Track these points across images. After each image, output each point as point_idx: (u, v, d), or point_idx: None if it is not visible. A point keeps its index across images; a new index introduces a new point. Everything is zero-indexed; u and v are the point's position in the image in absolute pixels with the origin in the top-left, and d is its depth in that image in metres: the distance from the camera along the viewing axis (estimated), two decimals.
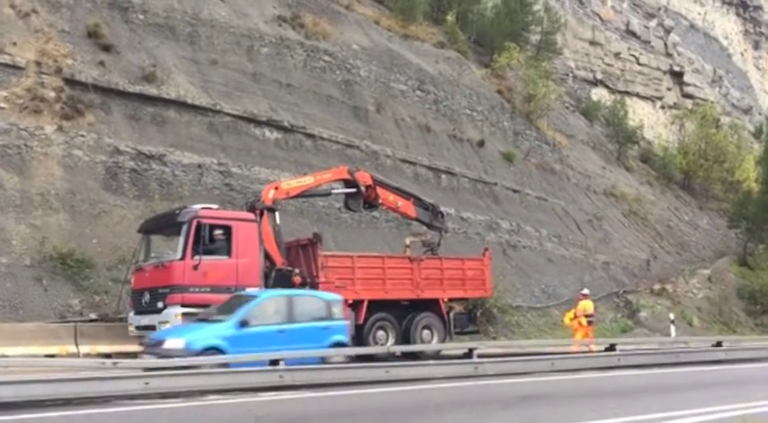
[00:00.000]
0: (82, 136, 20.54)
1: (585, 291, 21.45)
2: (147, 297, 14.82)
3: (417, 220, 19.38)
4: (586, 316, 19.64)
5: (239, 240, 14.93)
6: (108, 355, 13.81)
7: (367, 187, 17.77)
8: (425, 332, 17.29)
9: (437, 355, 15.84)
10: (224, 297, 14.03)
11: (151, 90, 22.57)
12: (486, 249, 19.96)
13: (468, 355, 14.10)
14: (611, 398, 10.78)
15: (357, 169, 18.60)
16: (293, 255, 16.36)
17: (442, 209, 20.75)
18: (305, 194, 17.76)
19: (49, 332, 14.96)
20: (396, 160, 28.38)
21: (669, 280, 33.02)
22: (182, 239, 14.49)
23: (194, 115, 23.42)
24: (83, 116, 20.91)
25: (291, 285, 15.46)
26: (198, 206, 15.45)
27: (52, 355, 14.08)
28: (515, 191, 32.55)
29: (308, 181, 17.31)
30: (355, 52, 30.31)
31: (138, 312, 15.09)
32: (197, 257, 14.22)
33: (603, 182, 39.57)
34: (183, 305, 14.01)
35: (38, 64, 20.74)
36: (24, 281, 16.85)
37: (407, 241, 19.34)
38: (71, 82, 21.11)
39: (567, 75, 47.98)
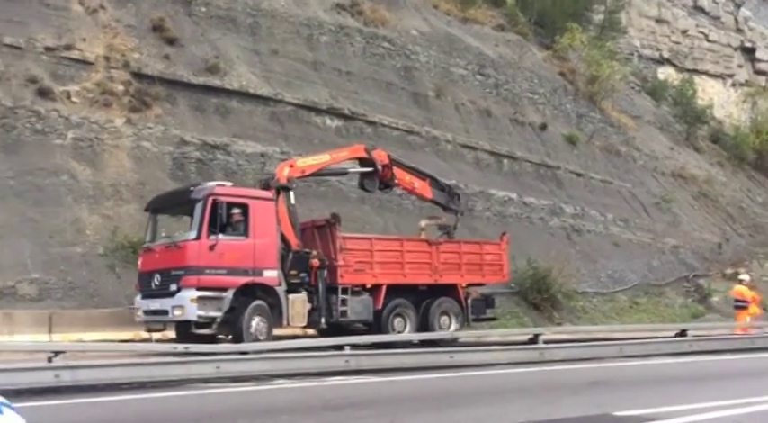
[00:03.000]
0: (149, 128, 21.08)
1: (742, 276, 21.69)
2: (157, 279, 13.89)
3: (433, 201, 18.55)
4: (737, 300, 20.04)
5: (256, 220, 14.02)
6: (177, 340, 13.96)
7: (383, 166, 17.02)
8: (443, 318, 16.64)
9: (456, 342, 15.55)
10: (241, 280, 13.52)
11: (214, 81, 22.99)
12: (504, 233, 19.05)
13: (534, 340, 13.97)
14: (681, 383, 10.53)
15: (374, 147, 17.84)
16: (308, 236, 15.52)
17: (504, 193, 20.41)
18: (320, 173, 16.95)
19: (123, 318, 15.43)
20: (456, 146, 28.19)
21: (742, 264, 31.91)
22: (196, 218, 13.60)
23: (256, 105, 23.76)
24: (150, 108, 21.45)
25: (309, 268, 14.78)
26: (212, 183, 14.71)
27: (126, 341, 14.56)
28: (579, 174, 31.94)
29: (324, 159, 16.52)
30: (414, 38, 30.17)
31: (147, 296, 14.15)
32: (213, 237, 13.35)
33: (672, 163, 38.45)
34: (199, 288, 13.19)
35: (106, 59, 21.36)
36: (98, 269, 17.45)
37: (422, 224, 18.52)
38: (138, 75, 21.68)
39: (632, 54, 46.67)
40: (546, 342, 13.84)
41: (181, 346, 11.15)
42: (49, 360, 10.13)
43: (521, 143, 30.71)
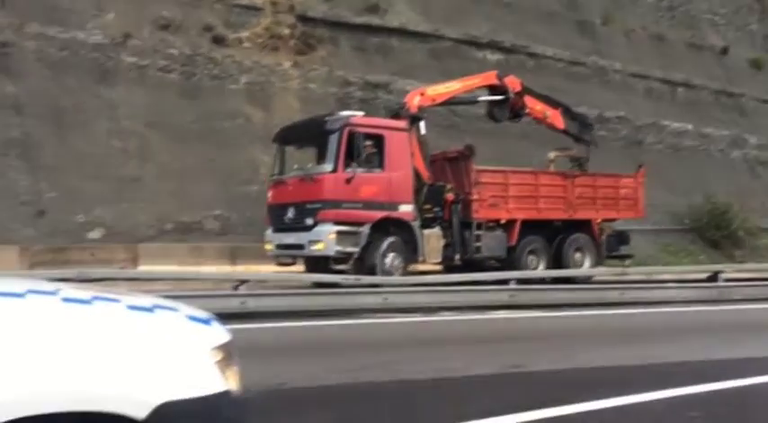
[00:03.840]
0: (315, 69, 21.72)
1: None
2: (291, 213, 13.51)
3: (565, 132, 17.45)
4: None
5: (392, 151, 13.45)
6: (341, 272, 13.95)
7: (515, 94, 16.15)
8: (577, 255, 15.91)
9: (590, 281, 14.82)
10: (377, 214, 13.03)
11: (375, 20, 23.14)
12: (641, 166, 17.67)
13: (713, 278, 13.20)
14: None
15: (506, 74, 16.84)
16: (438, 169, 14.92)
17: (679, 124, 19.00)
18: (451, 101, 16.14)
19: None
20: (625, 75, 26.66)
21: None
22: (332, 149, 13.03)
23: (416, 42, 23.71)
24: (315, 50, 22.07)
25: (443, 203, 14.29)
26: (345, 113, 14.13)
27: (301, 272, 15.35)
28: (765, 101, 29.19)
29: (455, 86, 15.69)
30: None
31: (279, 230, 13.83)
32: (349, 170, 12.84)
33: None
34: (336, 223, 12.77)
35: (273, 4, 22.09)
36: None
37: (551, 156, 17.56)
38: (303, 18, 22.27)
39: None
40: (726, 280, 13.02)
41: (351, 278, 11.64)
42: (235, 288, 11.00)
43: (698, 69, 28.45)
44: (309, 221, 12.96)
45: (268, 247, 14.05)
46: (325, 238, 12.67)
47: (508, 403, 5.24)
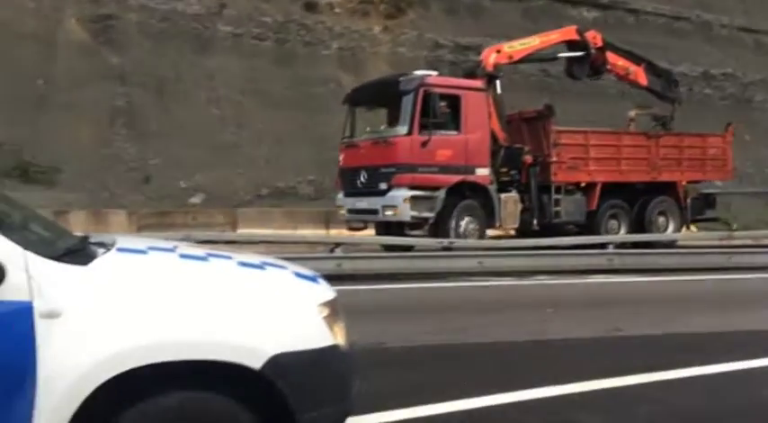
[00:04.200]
0: (404, 33, 21.63)
1: None
2: (363, 177, 13.09)
3: (648, 89, 16.47)
4: None
5: (468, 112, 12.85)
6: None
7: (596, 50, 15.32)
8: (660, 219, 15.09)
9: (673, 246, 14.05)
10: (453, 178, 12.52)
11: None
12: (730, 124, 16.48)
13: None
14: None
15: (587, 29, 15.94)
16: (514, 130, 14.21)
17: None
18: (529, 59, 15.32)
19: None
20: (732, 29, 25.23)
21: None
22: (407, 111, 12.52)
23: (509, 3, 23.21)
24: (405, 14, 21.94)
25: (521, 166, 13.69)
26: (420, 72, 13.52)
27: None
28: None
29: (533, 43, 14.93)
30: None
31: (351, 194, 13.46)
32: (425, 132, 12.33)
33: None
34: (412, 187, 12.31)
35: None
36: None
37: (632, 114, 16.66)
38: None
39: None
40: None
41: (446, 241, 11.66)
42: (331, 251, 11.24)
43: None
44: (383, 186, 12.58)
45: (340, 211, 13.82)
46: (399, 204, 12.30)
47: (608, 367, 5.17)
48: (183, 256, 3.01)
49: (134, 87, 19.35)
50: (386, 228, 13.20)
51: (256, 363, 2.55)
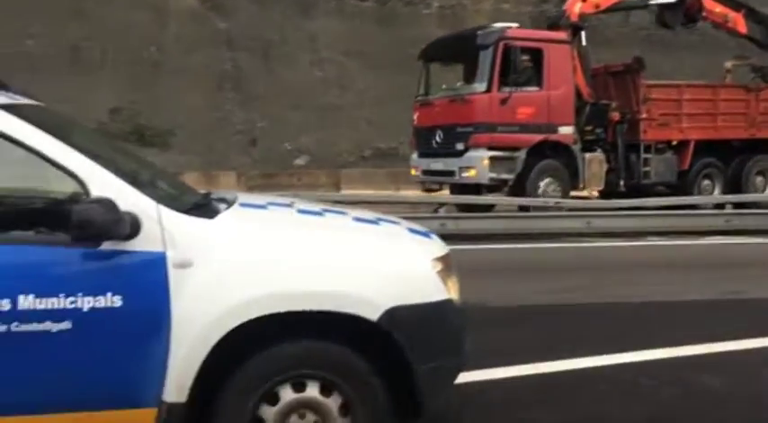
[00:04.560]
0: None
1: None
2: (439, 137, 12.54)
3: (748, 37, 15.05)
4: None
5: (551, 67, 12.06)
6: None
7: None
8: (758, 179, 13.93)
9: None
10: (534, 138, 11.84)
11: None
12: None
13: None
14: None
15: None
16: (600, 85, 13.36)
17: None
18: (617, 7, 14.22)
19: None
20: None
21: None
22: (486, 67, 11.79)
23: None
24: None
25: (607, 123, 12.84)
26: (499, 25, 12.60)
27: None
28: None
29: None
30: None
31: (425, 154, 12.97)
32: (505, 89, 11.65)
33: None
34: (490, 148, 11.72)
35: None
36: None
37: (728, 65, 15.28)
38: None
39: None
40: None
41: (552, 201, 11.43)
42: (435, 211, 11.26)
43: None
44: (460, 146, 11.95)
45: (413, 172, 13.33)
46: (477, 165, 11.70)
47: (727, 330, 4.98)
48: (300, 211, 3.10)
49: (240, 52, 19.86)
50: (461, 190, 12.66)
51: (373, 315, 2.61)
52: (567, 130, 12.28)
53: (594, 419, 3.62)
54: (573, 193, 12.58)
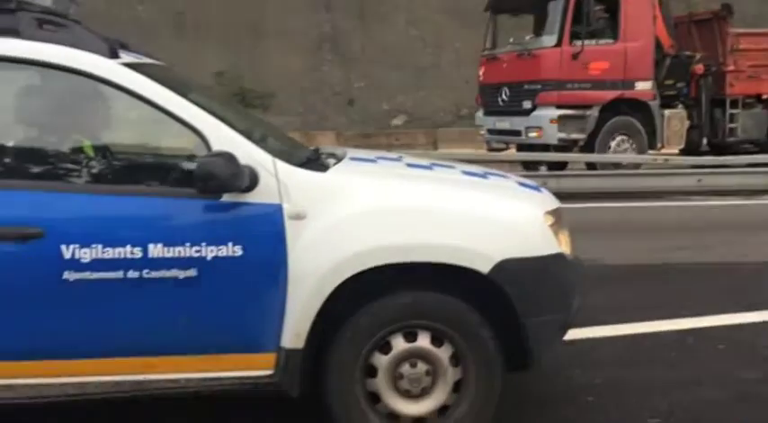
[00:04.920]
0: None
1: None
2: (505, 94, 11.84)
3: None
4: None
5: (629, 17, 11.08)
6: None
7: None
8: None
9: None
10: (609, 94, 11.03)
11: None
12: None
13: None
14: None
15: None
16: (682, 35, 12.32)
17: None
18: None
19: None
20: None
21: None
22: (556, 18, 11.02)
23: None
24: None
25: (689, 77, 11.86)
26: None
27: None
28: None
29: None
30: None
31: (491, 113, 12.33)
32: (576, 42, 10.85)
33: None
34: (559, 106, 11.03)
35: None
36: None
37: None
38: None
39: None
40: None
41: (660, 158, 10.99)
42: (536, 169, 11.05)
43: None
44: (527, 105, 11.32)
45: (480, 131, 12.79)
46: (545, 124, 11.05)
47: None
48: (409, 164, 3.12)
49: (338, 13, 19.94)
50: (528, 150, 11.97)
51: (484, 267, 2.61)
52: (645, 86, 11.42)
53: (712, 378, 3.52)
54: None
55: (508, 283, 2.64)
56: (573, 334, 3.05)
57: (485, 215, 2.73)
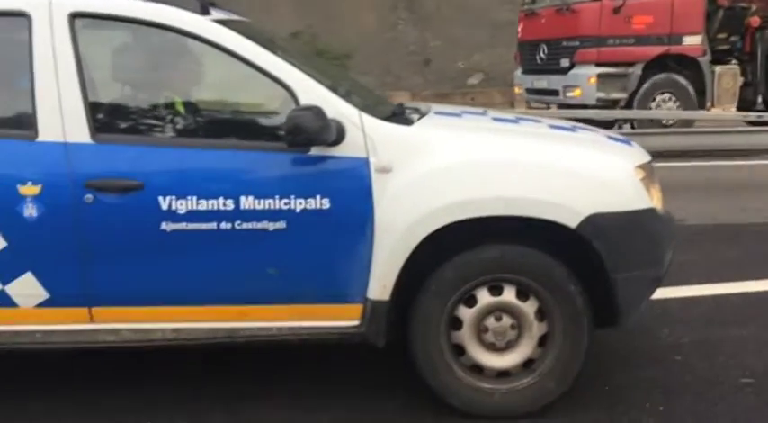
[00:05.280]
0: None
1: None
2: (543, 52, 11.27)
3: None
4: None
5: None
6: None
7: None
8: None
9: None
10: (654, 50, 10.28)
11: None
12: None
13: None
14: None
15: None
16: None
17: None
18: None
19: None
20: None
21: None
22: None
23: None
24: None
25: (744, 30, 10.97)
26: None
27: None
28: None
29: None
30: None
31: (529, 71, 11.83)
32: None
33: None
34: (599, 64, 10.41)
35: None
36: None
37: None
38: None
39: None
40: None
41: (753, 115, 10.43)
42: (619, 127, 10.70)
43: None
44: (565, 63, 10.72)
45: (517, 90, 12.34)
46: (583, 84, 10.46)
47: None
48: (495, 118, 3.09)
49: None
50: (569, 108, 11.08)
51: (572, 221, 2.58)
52: (694, 40, 10.57)
53: None
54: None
55: (597, 238, 2.59)
56: (660, 293, 2.98)
57: (572, 169, 2.67)
